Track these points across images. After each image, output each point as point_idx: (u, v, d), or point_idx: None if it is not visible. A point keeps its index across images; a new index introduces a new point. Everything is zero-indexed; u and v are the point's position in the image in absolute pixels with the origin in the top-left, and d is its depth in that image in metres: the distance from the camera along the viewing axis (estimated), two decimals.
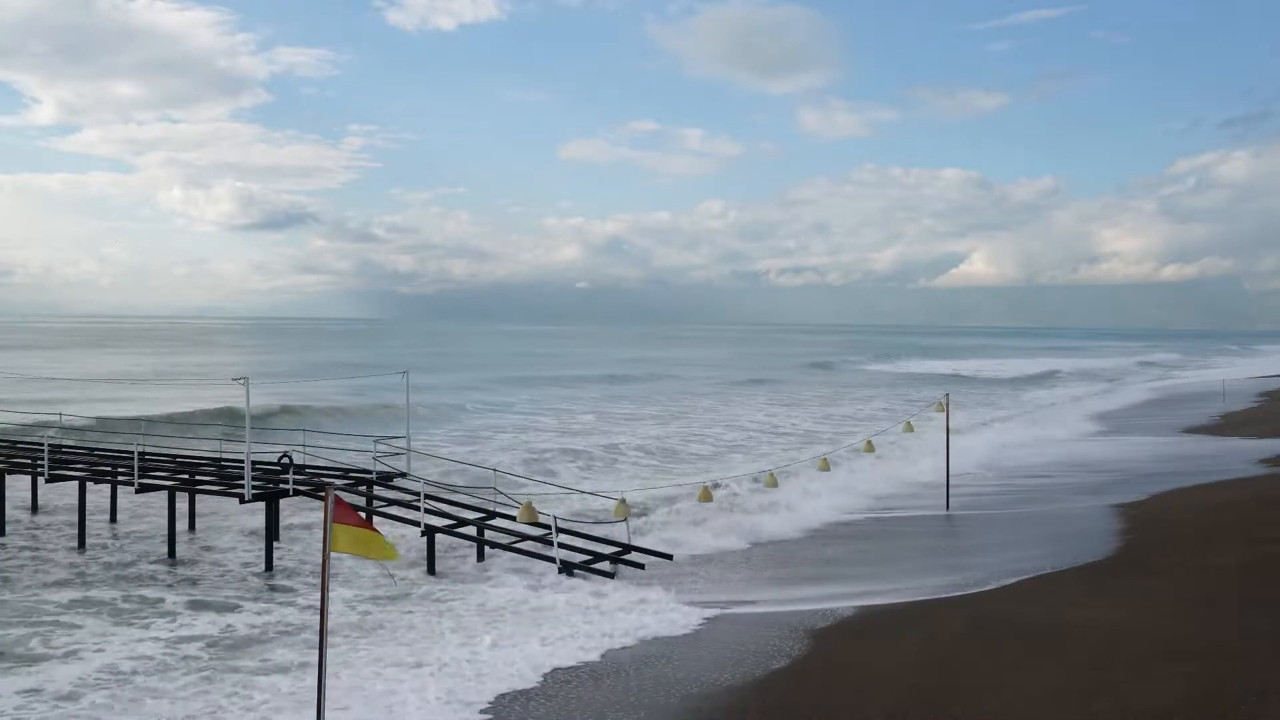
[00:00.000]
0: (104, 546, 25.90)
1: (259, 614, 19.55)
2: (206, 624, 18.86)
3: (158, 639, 17.85)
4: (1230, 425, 53.14)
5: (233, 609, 20.01)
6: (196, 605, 20.36)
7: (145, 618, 19.40)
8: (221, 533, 27.54)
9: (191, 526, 27.70)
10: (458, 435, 51.80)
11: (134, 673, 15.96)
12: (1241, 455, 39.25)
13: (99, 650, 17.24)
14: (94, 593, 21.36)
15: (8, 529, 27.30)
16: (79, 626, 18.74)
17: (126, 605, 20.37)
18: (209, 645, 17.49)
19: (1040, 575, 20.68)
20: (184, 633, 18.28)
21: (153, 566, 23.87)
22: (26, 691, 15.07)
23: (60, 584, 22.14)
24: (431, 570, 22.64)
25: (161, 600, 20.77)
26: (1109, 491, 31.62)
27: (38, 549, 25.64)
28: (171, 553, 24.65)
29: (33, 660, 16.79)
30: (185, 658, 16.78)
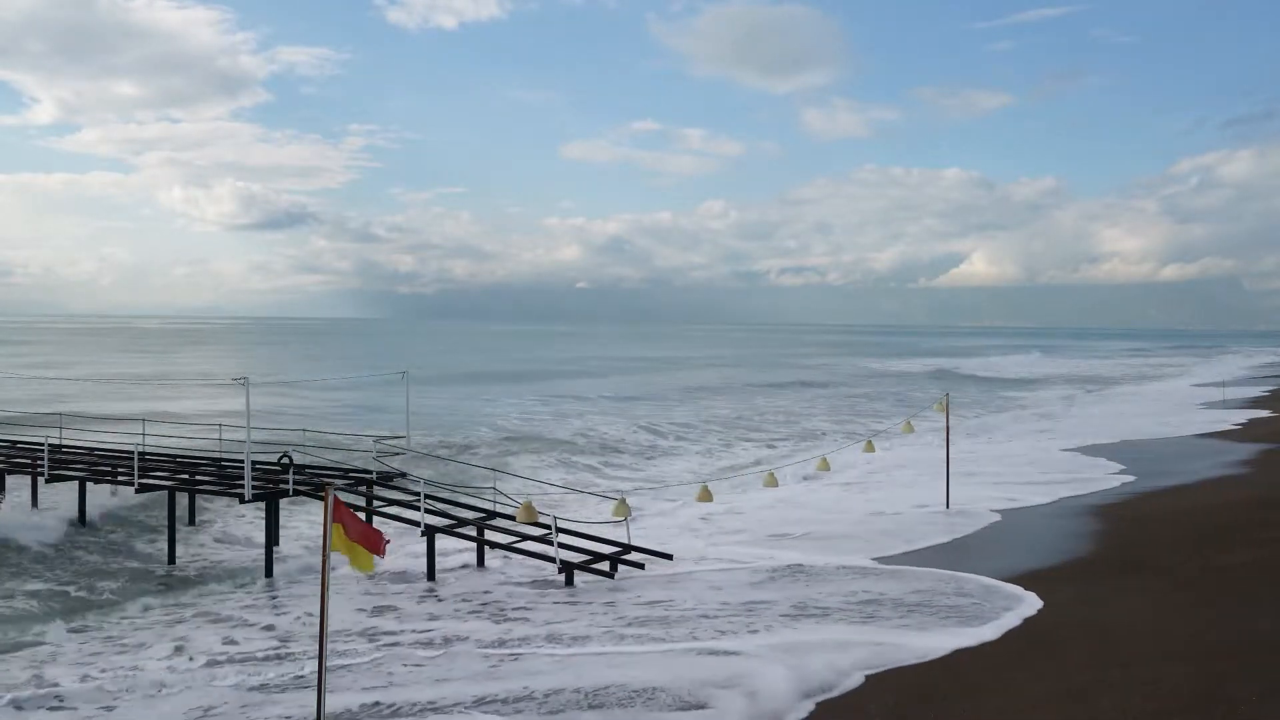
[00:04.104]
0: (104, 546, 25.90)
1: (259, 614, 19.55)
2: (206, 623, 18.86)
3: (158, 639, 17.85)
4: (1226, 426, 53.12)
5: (233, 608, 20.02)
6: (197, 605, 20.36)
7: (143, 618, 19.39)
8: (221, 532, 27.55)
9: (191, 524, 27.73)
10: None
11: (135, 669, 15.96)
12: (1237, 456, 39.25)
13: (94, 651, 17.24)
14: (91, 593, 21.35)
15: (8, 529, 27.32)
16: (73, 628, 18.73)
17: (125, 605, 20.36)
18: (208, 644, 17.49)
19: (1040, 575, 20.67)
20: (183, 632, 18.27)
21: (152, 566, 23.88)
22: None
23: (58, 585, 22.13)
24: (431, 572, 22.63)
25: (161, 601, 20.77)
26: (1109, 490, 31.63)
27: (37, 549, 25.66)
28: (171, 552, 24.66)
29: (23, 667, 16.78)
30: (186, 656, 16.78)
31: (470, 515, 24.48)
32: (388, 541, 11.41)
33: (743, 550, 24.49)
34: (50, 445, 28.14)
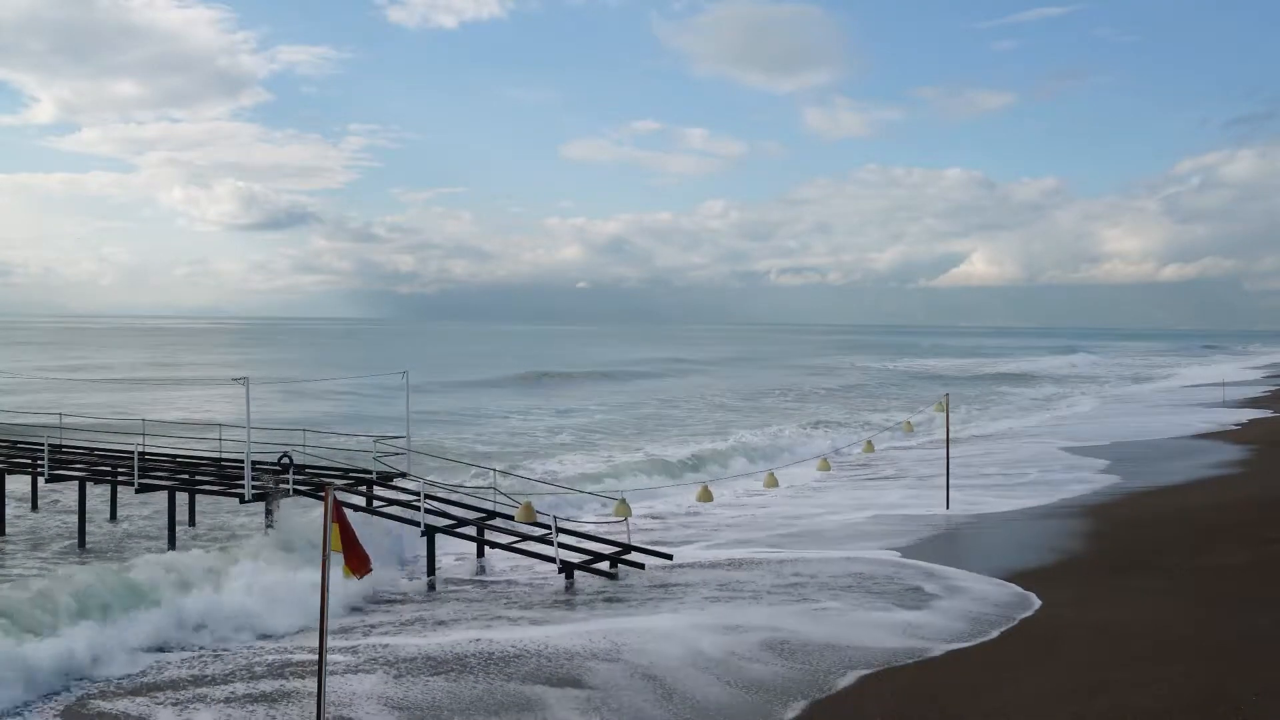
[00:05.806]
0: (103, 546, 25.91)
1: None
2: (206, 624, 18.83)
3: (158, 640, 17.82)
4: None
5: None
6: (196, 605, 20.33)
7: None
8: (220, 532, 27.55)
9: (192, 524, 27.74)
10: None
11: (138, 670, 15.93)
12: (1236, 456, 39.25)
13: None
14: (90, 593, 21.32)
15: (8, 529, 27.33)
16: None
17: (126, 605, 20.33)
18: (208, 643, 17.48)
19: (1040, 574, 20.66)
20: (182, 632, 18.25)
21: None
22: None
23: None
24: (431, 570, 22.63)
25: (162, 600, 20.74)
26: (1109, 490, 31.60)
27: (37, 548, 25.65)
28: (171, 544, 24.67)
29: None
30: (186, 656, 16.77)
31: (470, 515, 24.47)
32: (369, 571, 11.38)
33: (736, 550, 24.49)
34: (50, 445, 28.14)
